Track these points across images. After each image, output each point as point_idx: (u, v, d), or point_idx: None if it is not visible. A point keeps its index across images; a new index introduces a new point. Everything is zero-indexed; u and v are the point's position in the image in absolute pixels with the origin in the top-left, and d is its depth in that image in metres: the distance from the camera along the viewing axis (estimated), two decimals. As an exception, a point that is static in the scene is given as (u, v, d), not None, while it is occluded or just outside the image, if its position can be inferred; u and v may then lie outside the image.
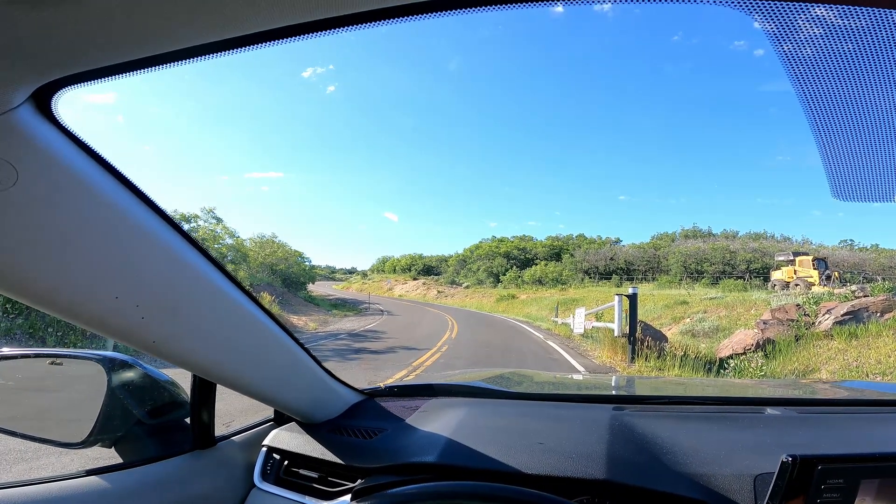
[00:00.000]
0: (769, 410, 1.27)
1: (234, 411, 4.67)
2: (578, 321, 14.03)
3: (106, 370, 1.04)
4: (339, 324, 19.97)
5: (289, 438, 1.16)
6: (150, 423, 1.08)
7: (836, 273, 24.53)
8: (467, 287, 52.18)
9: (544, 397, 1.52)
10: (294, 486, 1.09)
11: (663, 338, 10.61)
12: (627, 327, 9.85)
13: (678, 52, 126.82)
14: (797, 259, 25.72)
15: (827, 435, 1.10)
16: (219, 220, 18.40)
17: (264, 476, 1.13)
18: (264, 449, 1.17)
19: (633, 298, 9.92)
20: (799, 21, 0.49)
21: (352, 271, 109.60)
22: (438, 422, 1.18)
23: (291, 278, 28.45)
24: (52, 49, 0.45)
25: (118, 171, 0.60)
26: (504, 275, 51.13)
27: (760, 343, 9.90)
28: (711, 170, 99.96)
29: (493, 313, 29.99)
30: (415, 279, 65.04)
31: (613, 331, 10.58)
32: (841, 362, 8.67)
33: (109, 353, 1.09)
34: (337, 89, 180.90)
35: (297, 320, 19.60)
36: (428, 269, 72.33)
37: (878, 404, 1.47)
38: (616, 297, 10.56)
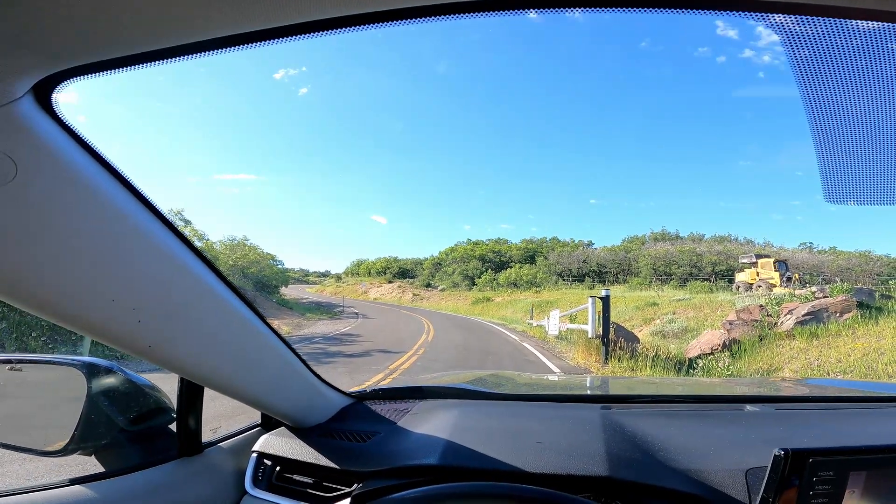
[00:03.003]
0: (748, 407, 1.32)
1: (209, 417, 4.54)
2: (553, 323, 14.23)
3: (86, 376, 1.01)
4: (313, 327, 19.67)
5: (280, 443, 1.14)
6: (133, 430, 1.05)
7: (797, 275, 25.57)
8: (443, 290, 52.18)
9: (532, 398, 1.54)
10: (288, 493, 1.07)
11: (635, 339, 10.86)
12: (601, 329, 10.04)
13: (645, 59, 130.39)
14: (759, 261, 26.72)
15: (806, 430, 1.14)
16: (187, 223, 17.89)
17: (256, 482, 1.11)
18: (255, 455, 1.15)
19: (605, 300, 10.12)
20: (813, 30, 0.51)
21: (326, 274, 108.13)
22: (432, 423, 1.18)
23: (264, 281, 27.91)
24: (57, 40, 0.44)
25: (117, 169, 0.59)
26: (479, 277, 51.39)
27: (727, 343, 10.24)
28: (678, 174, 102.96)
29: (469, 316, 30.07)
30: (390, 282, 64.56)
31: (587, 332, 10.76)
32: (803, 361, 9.03)
33: (89, 359, 1.07)
34: (309, 91, 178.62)
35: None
36: (403, 272, 72.05)
37: (849, 400, 1.54)
38: (589, 300, 10.75)
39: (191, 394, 1.04)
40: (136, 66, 0.53)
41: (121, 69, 0.52)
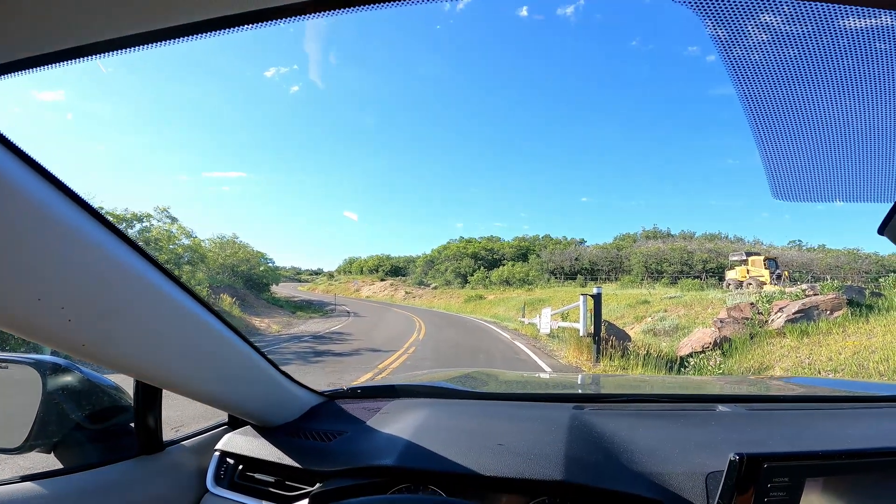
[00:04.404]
0: (720, 408, 1.31)
1: (186, 417, 4.39)
2: (545, 321, 14.15)
3: (41, 374, 1.02)
4: (303, 326, 19.49)
5: (243, 442, 1.13)
6: (92, 428, 1.05)
7: (786, 272, 25.72)
8: (435, 288, 52.08)
9: (506, 397, 1.51)
10: (250, 491, 1.06)
11: (627, 337, 10.79)
12: (592, 327, 9.96)
13: (635, 58, 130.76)
14: (749, 259, 26.82)
15: (774, 431, 1.11)
16: (173, 220, 17.49)
17: (217, 481, 1.10)
18: (217, 453, 1.14)
19: (597, 298, 10.03)
20: (746, 27, 0.50)
21: (318, 272, 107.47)
22: (399, 423, 1.17)
23: (254, 279, 27.62)
24: None
25: (38, 163, 0.57)
26: (472, 275, 51.25)
27: (718, 341, 10.20)
28: (668, 172, 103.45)
29: (461, 314, 30.00)
30: (382, 280, 64.41)
31: (579, 331, 10.67)
32: (794, 359, 9.01)
33: (44, 357, 1.07)
34: (301, 89, 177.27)
35: (259, 322, 19.02)
36: (395, 269, 71.78)
37: (823, 400, 1.51)
38: (581, 298, 10.66)
39: (147, 392, 1.01)
40: (72, 60, 0.52)
41: (55, 64, 0.51)
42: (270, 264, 33.08)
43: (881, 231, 0.74)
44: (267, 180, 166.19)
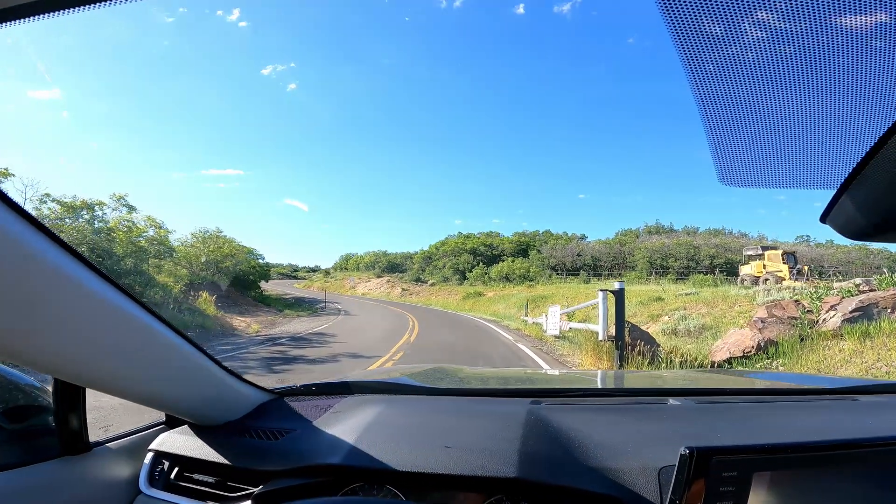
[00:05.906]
0: (671, 401, 1.29)
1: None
2: (552, 321, 12.49)
3: None
4: (286, 325, 17.87)
5: (181, 442, 1.10)
6: (8, 428, 0.99)
7: (806, 267, 24.12)
8: (433, 284, 50.53)
9: (463, 392, 1.49)
10: (188, 492, 1.03)
11: (654, 341, 9.16)
12: (613, 329, 8.33)
13: (632, 54, 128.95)
14: (766, 253, 25.15)
15: (725, 425, 1.10)
16: (131, 209, 15.72)
17: (151, 482, 1.06)
18: (151, 454, 1.11)
19: (619, 295, 8.39)
20: (699, 12, 0.50)
21: (315, 269, 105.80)
22: (350, 421, 1.14)
23: (240, 276, 25.93)
24: None
25: None
26: (470, 271, 49.63)
27: (762, 344, 8.61)
28: (665, 169, 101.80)
29: (459, 312, 28.40)
30: (379, 277, 62.72)
31: (596, 333, 9.03)
32: (859, 366, 7.42)
33: None
34: (298, 87, 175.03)
35: (239, 322, 17.43)
36: (392, 266, 70.08)
37: (773, 393, 1.56)
38: (600, 294, 9.00)
39: (68, 390, 0.97)
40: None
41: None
42: (260, 260, 31.45)
43: (823, 219, 0.71)
44: (265, 177, 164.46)
